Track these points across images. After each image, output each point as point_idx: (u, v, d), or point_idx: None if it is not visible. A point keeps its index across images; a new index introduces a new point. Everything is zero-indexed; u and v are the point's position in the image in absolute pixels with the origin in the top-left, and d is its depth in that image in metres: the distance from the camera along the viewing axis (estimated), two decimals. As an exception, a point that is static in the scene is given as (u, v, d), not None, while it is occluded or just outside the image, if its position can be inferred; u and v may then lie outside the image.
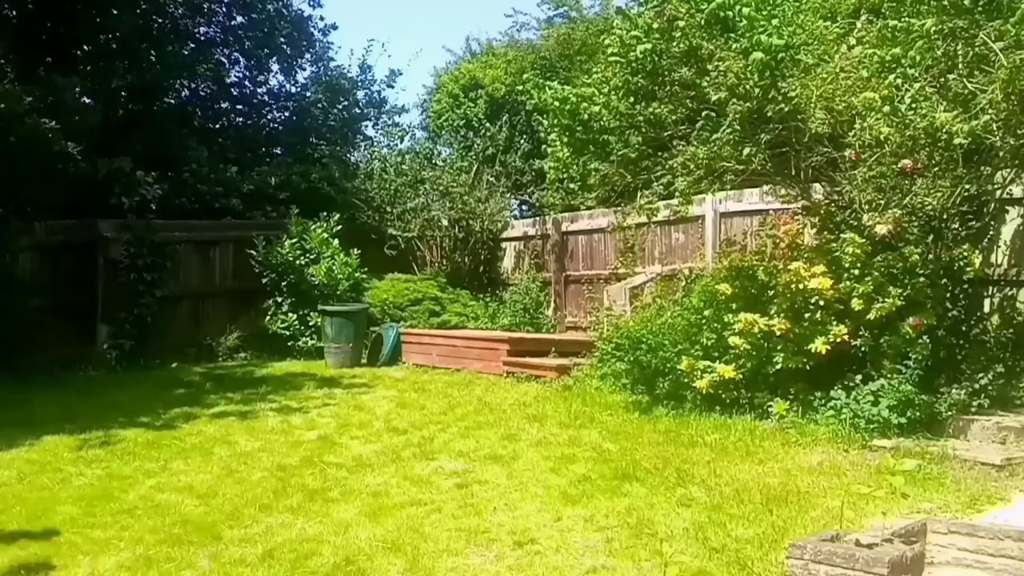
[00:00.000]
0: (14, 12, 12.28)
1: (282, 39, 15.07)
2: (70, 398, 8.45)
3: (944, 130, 5.50)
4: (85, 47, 13.24)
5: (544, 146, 8.94)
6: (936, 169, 5.98)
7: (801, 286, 6.40)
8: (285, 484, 5.47)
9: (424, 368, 10.11)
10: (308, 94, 15.88)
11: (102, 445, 6.57)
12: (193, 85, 14.78)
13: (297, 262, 11.38)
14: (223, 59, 14.86)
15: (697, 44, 6.68)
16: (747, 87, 6.36)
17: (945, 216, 6.53)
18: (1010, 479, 5.09)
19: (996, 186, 6.69)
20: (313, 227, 11.73)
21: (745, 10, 6.41)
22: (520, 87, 11.42)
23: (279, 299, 11.46)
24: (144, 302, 10.76)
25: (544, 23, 19.24)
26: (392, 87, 16.84)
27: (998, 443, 5.70)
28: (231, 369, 10.44)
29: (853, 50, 6.22)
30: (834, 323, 6.32)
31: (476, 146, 16.18)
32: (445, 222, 13.22)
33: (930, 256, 6.48)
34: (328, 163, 14.30)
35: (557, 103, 7.51)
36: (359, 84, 16.31)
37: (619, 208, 8.19)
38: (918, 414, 5.91)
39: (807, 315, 6.41)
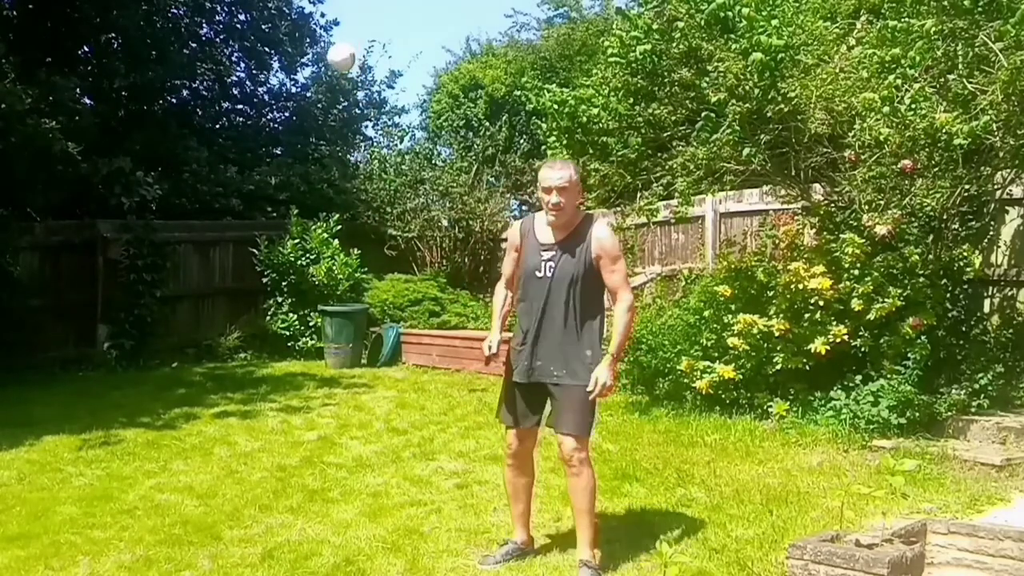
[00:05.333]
0: (14, 12, 12.28)
1: (283, 36, 15.07)
2: (70, 398, 8.45)
3: (944, 130, 5.51)
4: (85, 47, 13.24)
5: (543, 147, 8.94)
6: (936, 169, 5.98)
7: (801, 286, 6.40)
8: (285, 484, 5.47)
9: (424, 368, 10.11)
10: (308, 94, 15.88)
11: (102, 445, 6.57)
12: (194, 85, 14.77)
13: (298, 262, 11.38)
14: (224, 58, 14.86)
15: (697, 45, 6.68)
16: (747, 88, 6.36)
17: (945, 216, 6.53)
18: (1010, 479, 5.09)
19: (996, 186, 6.70)
20: (313, 227, 11.74)
21: (745, 10, 6.41)
22: (519, 91, 11.42)
23: (279, 299, 11.45)
24: (144, 302, 10.75)
25: (544, 23, 19.28)
26: (392, 88, 16.87)
27: (998, 443, 5.71)
28: (231, 369, 10.44)
29: (853, 50, 6.24)
30: (834, 323, 6.32)
31: (476, 146, 16.19)
32: (445, 222, 13.22)
33: (930, 256, 6.48)
34: (328, 163, 14.29)
35: (556, 106, 7.51)
36: (359, 84, 16.32)
37: (619, 209, 8.19)
38: (918, 414, 5.92)
39: (807, 315, 6.41)
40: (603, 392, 3.87)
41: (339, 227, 11.86)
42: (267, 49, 15.21)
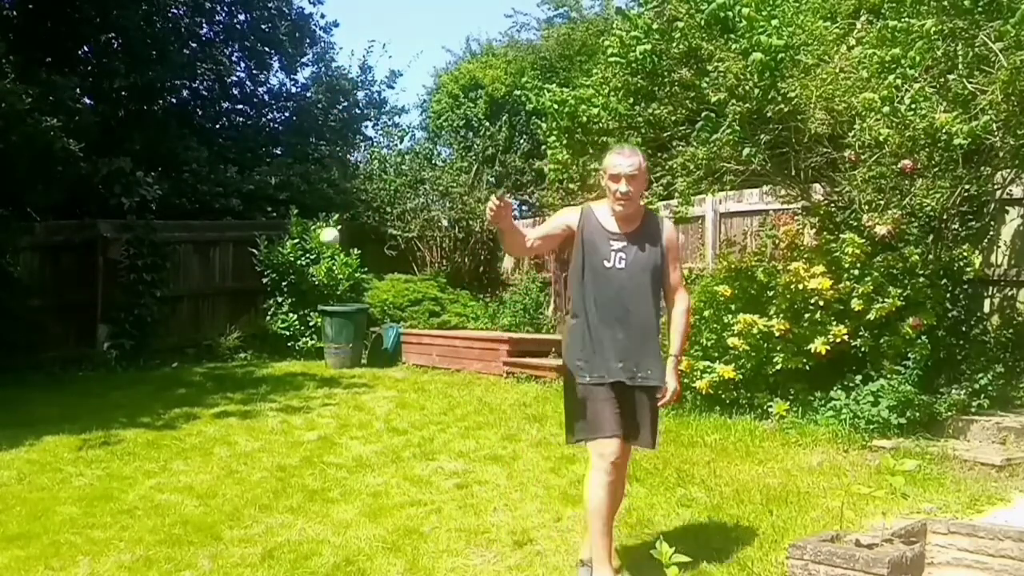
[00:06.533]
0: (14, 12, 12.29)
1: (283, 36, 15.10)
2: (70, 398, 8.45)
3: (944, 130, 5.51)
4: (85, 47, 13.26)
5: (543, 147, 8.93)
6: (936, 169, 5.98)
7: (801, 286, 6.40)
8: (285, 484, 5.47)
9: (424, 368, 10.11)
10: (308, 94, 15.90)
11: (102, 445, 6.57)
12: (194, 85, 14.80)
13: (298, 262, 11.39)
14: (224, 58, 14.88)
15: (697, 45, 6.68)
16: (747, 88, 6.37)
17: (945, 216, 6.54)
18: (1010, 479, 5.09)
19: (996, 186, 6.70)
20: (313, 227, 11.74)
21: (745, 10, 6.41)
22: (519, 91, 11.43)
23: (279, 299, 11.46)
24: (144, 302, 10.76)
25: (544, 23, 19.26)
26: (392, 88, 16.92)
27: (998, 443, 5.71)
28: (231, 369, 10.44)
29: (853, 50, 6.23)
30: (834, 323, 6.32)
31: (476, 146, 16.20)
32: (445, 222, 13.22)
33: (930, 256, 6.48)
34: (328, 163, 14.31)
35: (556, 106, 7.52)
36: (359, 84, 16.35)
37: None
38: (918, 414, 5.91)
39: (807, 315, 6.41)
40: (672, 399, 3.71)
41: (339, 227, 11.86)
42: (267, 49, 15.24)
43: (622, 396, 3.62)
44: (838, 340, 6.26)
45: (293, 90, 16.09)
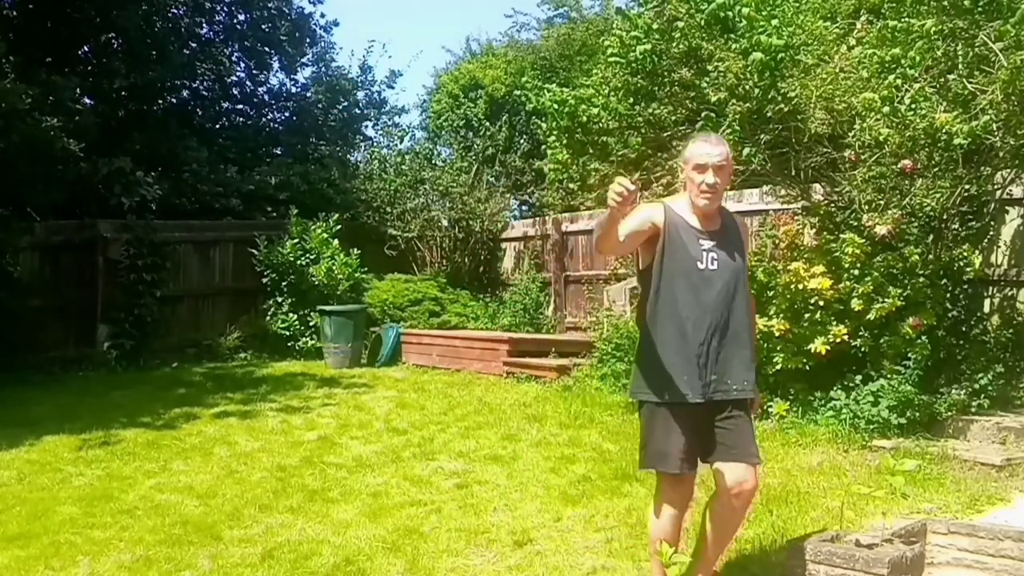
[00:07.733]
0: (14, 12, 12.30)
1: (283, 36, 15.11)
2: (70, 398, 8.45)
3: (944, 130, 5.51)
4: (85, 47, 13.27)
5: (543, 146, 8.93)
6: (936, 169, 5.98)
7: (801, 286, 6.40)
8: (285, 484, 5.47)
9: (424, 368, 10.11)
10: (308, 94, 15.91)
11: (102, 445, 6.57)
12: (194, 85, 14.81)
13: (298, 262, 11.39)
14: (224, 58, 14.89)
15: (697, 44, 6.69)
16: (747, 87, 6.37)
17: (945, 216, 6.53)
18: (1010, 479, 5.09)
19: (996, 186, 6.69)
20: (313, 227, 11.74)
21: (745, 10, 6.41)
22: (519, 91, 11.43)
23: (279, 299, 11.46)
24: (144, 302, 10.76)
25: (544, 23, 19.29)
26: (392, 87, 16.94)
27: (998, 443, 5.70)
28: (231, 369, 10.44)
29: (853, 50, 6.23)
30: (834, 323, 6.31)
31: (476, 146, 16.21)
32: (445, 222, 13.22)
33: (930, 256, 6.48)
34: (328, 163, 14.32)
35: (556, 106, 7.53)
36: (359, 84, 16.37)
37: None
38: (918, 414, 5.91)
39: (807, 315, 6.41)
40: (756, 409, 3.56)
41: (339, 227, 11.87)
42: (267, 49, 15.25)
43: (712, 415, 3.31)
44: (838, 340, 6.25)
45: (293, 90, 16.11)
